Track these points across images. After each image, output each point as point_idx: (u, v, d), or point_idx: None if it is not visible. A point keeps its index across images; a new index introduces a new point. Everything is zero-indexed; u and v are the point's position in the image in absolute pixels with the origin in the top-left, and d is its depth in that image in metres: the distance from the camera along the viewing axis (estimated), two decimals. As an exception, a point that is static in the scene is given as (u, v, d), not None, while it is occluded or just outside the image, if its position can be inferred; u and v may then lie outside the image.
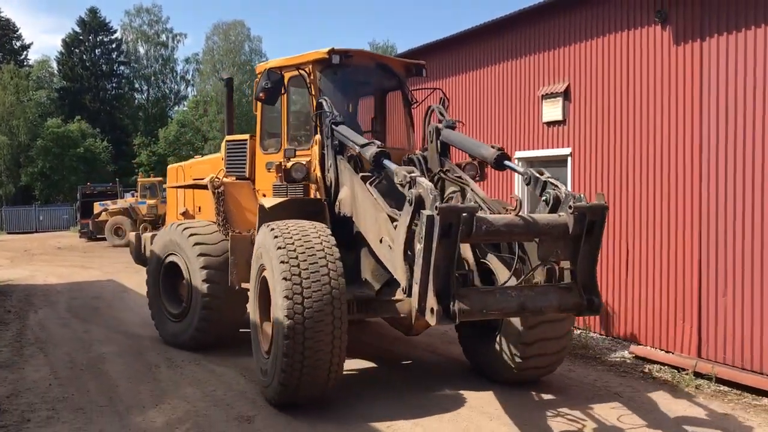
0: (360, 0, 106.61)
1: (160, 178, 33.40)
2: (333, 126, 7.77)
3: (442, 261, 5.16)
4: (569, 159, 10.48)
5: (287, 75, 8.56)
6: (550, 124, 10.86)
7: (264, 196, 8.80)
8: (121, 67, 70.82)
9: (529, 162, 11.46)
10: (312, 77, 8.51)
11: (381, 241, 6.42)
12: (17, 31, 68.10)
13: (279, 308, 6.40)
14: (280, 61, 8.83)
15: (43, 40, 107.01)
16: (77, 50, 67.14)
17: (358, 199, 7.19)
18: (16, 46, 67.60)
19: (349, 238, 7.64)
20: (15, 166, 57.45)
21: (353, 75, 9.00)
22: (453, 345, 9.02)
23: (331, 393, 6.85)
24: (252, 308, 7.58)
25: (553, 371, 7.76)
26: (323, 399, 6.86)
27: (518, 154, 11.52)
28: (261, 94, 8.29)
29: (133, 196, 33.57)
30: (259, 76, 8.64)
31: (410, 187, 5.71)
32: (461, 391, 7.48)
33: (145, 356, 9.03)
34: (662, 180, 9.01)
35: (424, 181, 5.61)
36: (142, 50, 73.74)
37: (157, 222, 29.67)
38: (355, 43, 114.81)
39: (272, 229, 6.84)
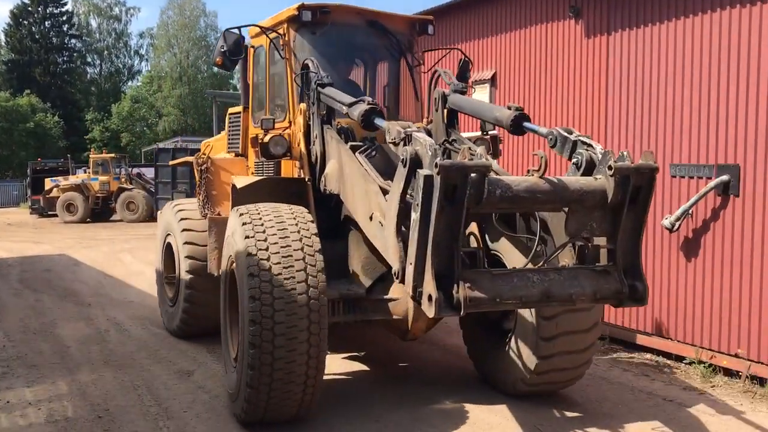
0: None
1: (113, 155, 33.48)
2: (319, 88, 6.53)
3: (444, 235, 4.11)
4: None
5: (267, 38, 7.46)
6: (479, 108, 11.68)
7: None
8: (73, 41, 69.49)
9: (461, 143, 12.30)
10: (287, 38, 7.28)
11: (371, 219, 5.37)
12: (-38, 0, 66.26)
13: (245, 310, 5.30)
14: (258, 25, 7.62)
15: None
16: (26, 22, 65.64)
17: (346, 172, 6.04)
18: (-39, 17, 65.80)
19: (336, 224, 6.74)
20: (-39, 140, 56.33)
21: (340, 36, 7.59)
22: (457, 337, 7.67)
23: (307, 412, 5.65)
24: (221, 306, 6.48)
25: (573, 385, 6.56)
26: (297, 419, 5.70)
27: (451, 135, 12.33)
28: (217, 59, 7.36)
29: (85, 172, 33.55)
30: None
31: (405, 145, 4.71)
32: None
33: (95, 322, 9.64)
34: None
35: (423, 137, 4.61)
36: (94, 23, 72.52)
37: (109, 199, 29.89)
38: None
39: (241, 214, 5.69)
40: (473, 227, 6.11)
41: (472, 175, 3.99)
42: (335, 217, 6.71)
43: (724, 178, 7.52)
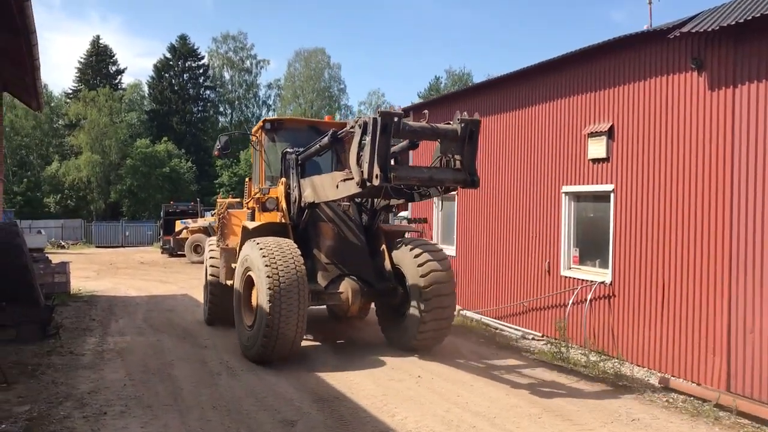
0: (435, 29, 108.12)
1: (238, 199, 35.06)
2: (297, 156, 11.29)
3: (382, 147, 7.92)
4: (612, 195, 10.94)
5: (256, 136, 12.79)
6: (595, 161, 11.37)
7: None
8: (207, 92, 74.26)
9: (576, 196, 11.98)
10: (261, 139, 12.68)
11: (337, 187, 9.26)
12: (113, 56, 72.62)
13: (264, 294, 9.53)
14: (242, 132, 13.10)
15: (137, 63, 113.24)
16: (167, 75, 70.94)
17: (317, 183, 10.44)
18: (111, 71, 71.99)
19: (307, 251, 10.98)
20: (105, 183, 61.07)
21: (292, 135, 12.50)
22: (375, 328, 12.08)
23: (296, 353, 9.94)
24: (236, 299, 10.91)
25: (441, 343, 11.04)
26: (290, 357, 9.88)
27: (565, 188, 12.05)
28: (215, 153, 12.78)
29: (212, 215, 35.29)
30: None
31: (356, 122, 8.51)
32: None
33: (209, 365, 10.00)
34: (696, 219, 9.39)
35: (368, 116, 8.16)
36: (227, 75, 77.28)
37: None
38: (428, 71, 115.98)
39: (257, 243, 10.14)
40: (383, 247, 11.49)
41: (395, 118, 7.97)
42: (306, 248, 10.89)
43: None
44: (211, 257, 13.51)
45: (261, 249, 9.86)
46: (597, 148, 11.30)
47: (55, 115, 69.11)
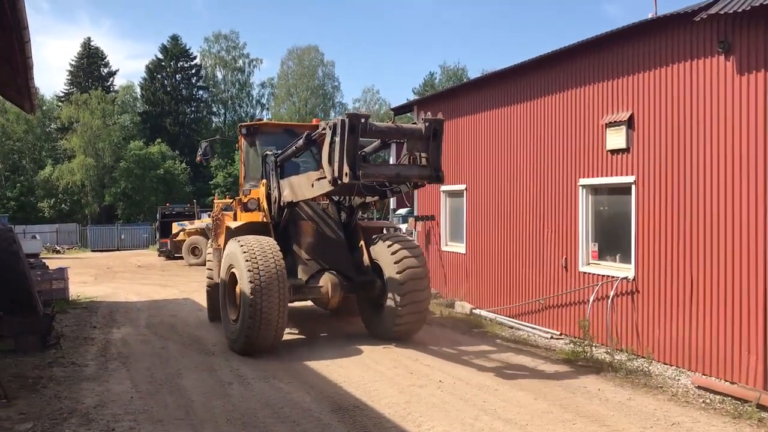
0: (428, 25, 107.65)
1: (228, 200, 34.49)
2: (275, 158, 11.97)
3: (351, 147, 8.40)
4: (633, 187, 10.51)
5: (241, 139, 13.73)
6: (613, 152, 10.93)
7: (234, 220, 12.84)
8: (200, 92, 73.57)
9: (594, 189, 11.55)
10: (240, 143, 13.86)
11: (313, 186, 9.85)
12: (105, 58, 71.87)
13: (246, 289, 10.11)
14: (224, 138, 13.74)
15: (128, 66, 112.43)
16: (159, 76, 70.22)
17: (294, 182, 11.06)
18: (103, 73, 71.27)
19: (288, 248, 11.59)
20: (99, 186, 60.44)
21: (269, 138, 13.37)
22: (358, 323, 12.70)
23: (278, 345, 10.61)
24: (221, 295, 11.61)
25: (417, 333, 11.66)
26: (273, 348, 10.51)
27: (582, 181, 11.62)
28: (198, 159, 14.36)
29: (209, 216, 34.74)
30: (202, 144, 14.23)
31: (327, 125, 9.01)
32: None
33: (219, 373, 9.54)
34: (728, 210, 8.97)
35: (337, 118, 8.63)
36: (219, 75, 76.58)
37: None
38: (422, 68, 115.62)
39: (238, 241, 10.79)
40: (362, 243, 12.11)
41: (362, 120, 8.50)
42: (287, 245, 11.62)
43: None
44: (208, 259, 14.21)
45: (242, 246, 10.51)
46: (616, 139, 10.86)
47: (48, 119, 68.35)
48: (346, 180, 8.37)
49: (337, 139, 8.46)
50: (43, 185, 60.14)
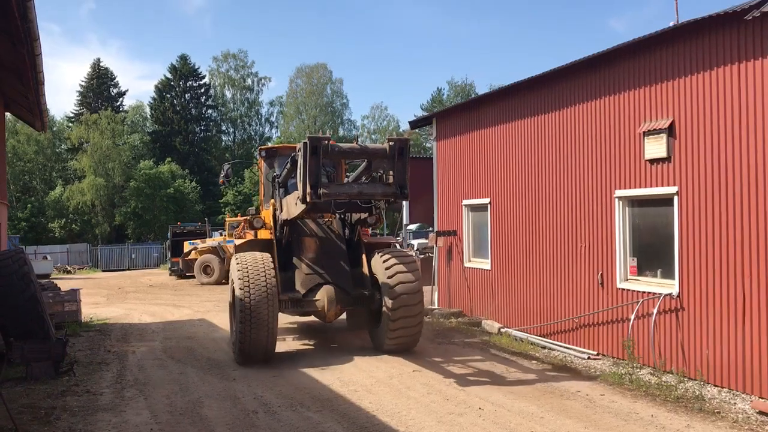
0: (435, 42, 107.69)
1: (247, 217, 34.10)
2: (275, 179, 12.87)
3: (313, 167, 8.92)
4: (676, 198, 9.94)
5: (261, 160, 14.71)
6: (653, 161, 10.37)
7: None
8: (209, 111, 73.59)
9: (631, 201, 10.98)
10: (259, 165, 14.85)
11: (296, 204, 10.29)
12: (114, 79, 72.05)
13: (237, 302, 10.77)
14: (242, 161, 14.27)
15: (138, 86, 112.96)
16: (168, 95, 70.28)
17: (289, 202, 11.60)
18: (113, 93, 71.39)
19: (290, 263, 12.20)
20: (110, 206, 60.26)
21: (284, 159, 13.20)
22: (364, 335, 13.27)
23: (271, 356, 11.21)
24: (229, 308, 12.54)
25: (414, 346, 11.89)
26: (266, 359, 11.11)
27: (618, 192, 11.05)
28: (220, 181, 15.22)
29: (221, 234, 34.33)
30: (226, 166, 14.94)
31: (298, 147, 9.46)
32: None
33: (242, 401, 8.97)
34: (783, 220, 8.39)
35: (304, 140, 9.03)
36: (228, 94, 76.63)
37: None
38: (430, 84, 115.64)
39: (236, 258, 11.46)
40: (363, 259, 12.46)
41: (324, 142, 8.95)
42: (289, 259, 12.20)
43: None
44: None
45: (237, 263, 11.21)
46: (655, 148, 10.30)
47: (58, 140, 68.44)
48: (308, 199, 8.92)
49: (300, 160, 9.05)
50: (53, 206, 60.00)
